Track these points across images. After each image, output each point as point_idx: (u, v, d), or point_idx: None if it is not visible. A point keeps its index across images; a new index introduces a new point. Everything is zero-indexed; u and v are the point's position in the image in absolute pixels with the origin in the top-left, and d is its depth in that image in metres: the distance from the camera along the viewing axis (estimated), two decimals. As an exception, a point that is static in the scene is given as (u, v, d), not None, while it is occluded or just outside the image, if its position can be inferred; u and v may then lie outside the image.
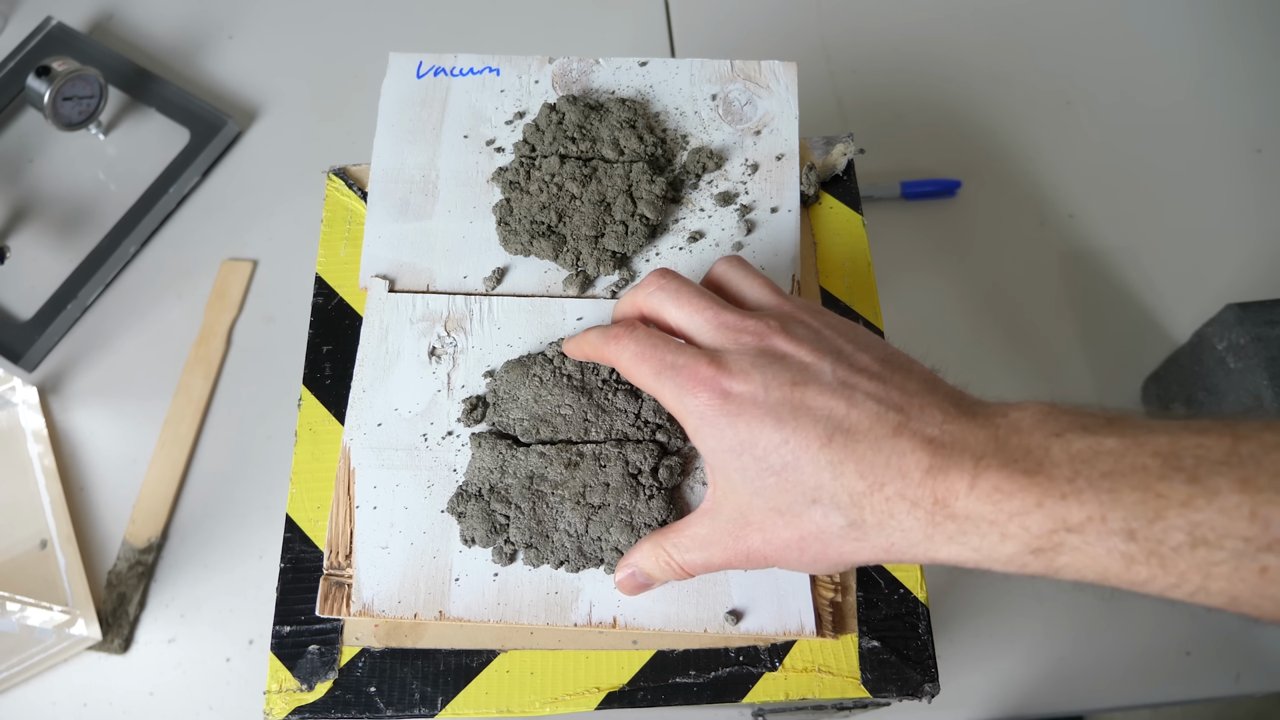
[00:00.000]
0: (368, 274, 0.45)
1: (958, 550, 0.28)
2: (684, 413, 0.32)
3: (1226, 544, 0.24)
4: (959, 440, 0.28)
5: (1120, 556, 0.25)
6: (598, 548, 0.38)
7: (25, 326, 0.68)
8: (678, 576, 0.35)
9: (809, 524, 0.30)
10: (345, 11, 0.82)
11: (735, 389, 0.31)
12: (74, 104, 0.71)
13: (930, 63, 0.78)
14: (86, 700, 0.58)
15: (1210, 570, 0.24)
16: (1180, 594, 0.25)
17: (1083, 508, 0.25)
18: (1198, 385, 0.59)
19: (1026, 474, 0.26)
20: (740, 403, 0.30)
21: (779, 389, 0.30)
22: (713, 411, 0.31)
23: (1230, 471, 0.24)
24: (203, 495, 0.64)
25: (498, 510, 0.39)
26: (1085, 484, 0.25)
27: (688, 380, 0.31)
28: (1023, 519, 0.26)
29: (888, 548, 0.29)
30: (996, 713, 0.58)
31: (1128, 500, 0.25)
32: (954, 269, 0.70)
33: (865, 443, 0.28)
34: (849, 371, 0.30)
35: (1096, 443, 0.26)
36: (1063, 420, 0.27)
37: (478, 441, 0.40)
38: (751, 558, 0.32)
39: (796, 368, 0.31)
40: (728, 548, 0.33)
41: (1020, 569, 0.27)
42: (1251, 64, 0.78)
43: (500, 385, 0.41)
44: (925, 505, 0.27)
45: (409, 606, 0.38)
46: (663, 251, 0.45)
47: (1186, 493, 0.24)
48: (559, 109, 0.47)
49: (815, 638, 0.38)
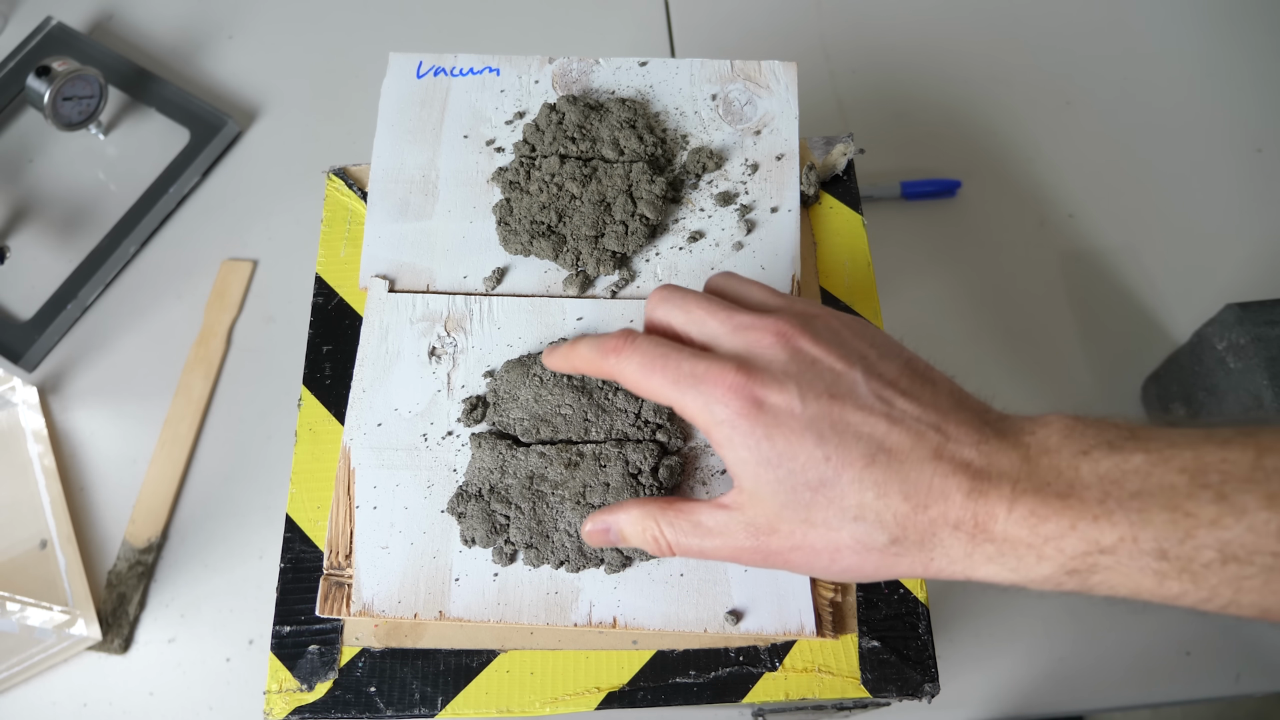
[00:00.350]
0: (368, 274, 0.45)
1: (996, 570, 0.28)
2: (711, 423, 0.30)
3: (1256, 559, 0.25)
4: (994, 463, 0.28)
5: (1153, 574, 0.26)
6: (598, 548, 0.38)
7: (25, 326, 0.68)
8: (661, 554, 0.34)
9: (847, 538, 0.29)
10: (345, 11, 0.82)
11: (769, 398, 0.29)
12: (74, 104, 0.71)
13: (930, 63, 0.78)
14: (86, 700, 0.58)
15: (1241, 584, 0.25)
16: (1212, 607, 0.26)
17: (1114, 529, 0.26)
18: (1198, 385, 0.59)
19: (1059, 497, 0.27)
20: (776, 414, 0.29)
21: (815, 402, 0.29)
22: (745, 421, 0.29)
23: (1256, 489, 0.25)
24: (203, 495, 0.64)
25: (498, 510, 0.39)
26: (1115, 505, 0.26)
27: (713, 388, 0.30)
28: (1058, 542, 0.27)
29: (926, 564, 0.29)
30: (996, 713, 0.58)
31: (1158, 520, 0.25)
32: (954, 269, 0.70)
33: (909, 464, 0.28)
34: (881, 385, 0.30)
35: (1123, 460, 0.27)
36: (1088, 436, 0.28)
37: (478, 441, 0.40)
38: (769, 559, 0.32)
39: (830, 376, 0.30)
40: (740, 545, 0.32)
41: (1056, 588, 0.28)
42: (1251, 64, 0.77)
43: (500, 385, 0.41)
44: (967, 528, 0.28)
45: (409, 606, 0.38)
46: (663, 251, 0.45)
47: (1215, 511, 0.25)
48: (559, 109, 0.47)
49: (815, 638, 0.38)
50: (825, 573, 0.31)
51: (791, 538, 0.30)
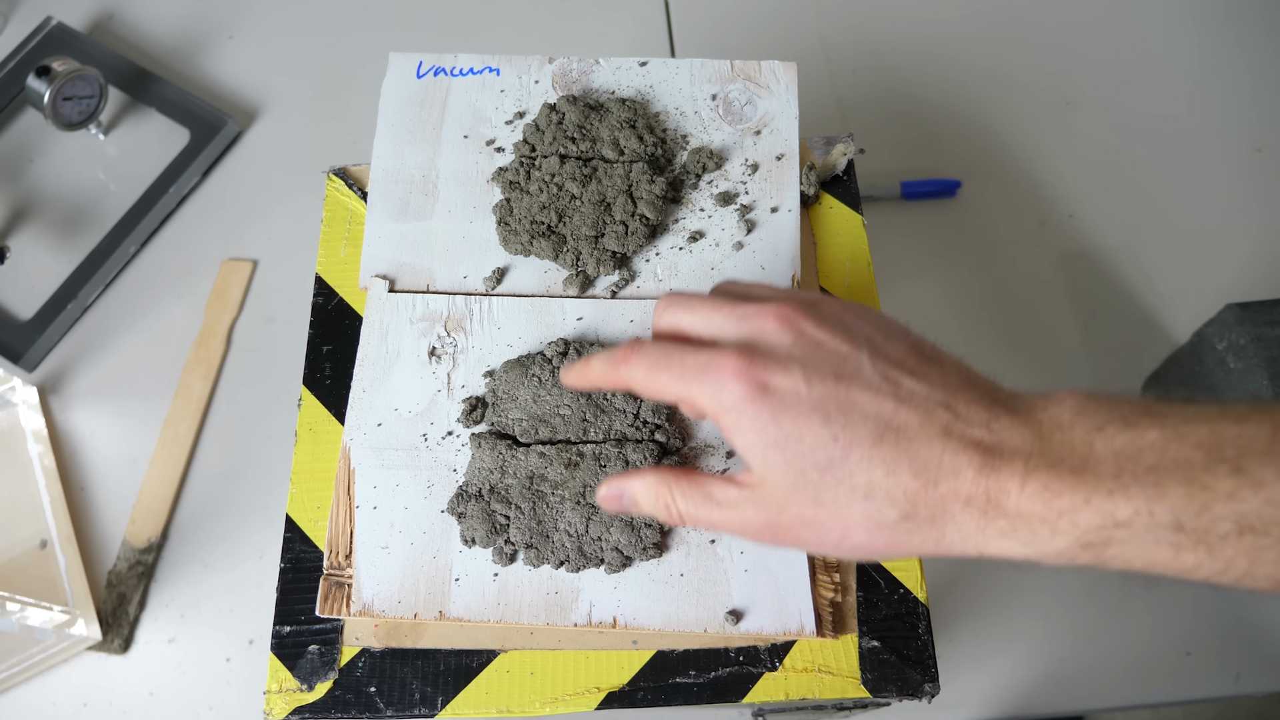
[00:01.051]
0: (368, 274, 0.45)
1: (1009, 545, 0.28)
2: (719, 410, 0.30)
3: (1274, 531, 0.25)
4: (1006, 440, 0.28)
5: (1169, 546, 0.26)
6: (598, 548, 0.38)
7: (25, 326, 0.68)
8: (671, 522, 0.34)
9: (857, 515, 0.29)
10: (345, 11, 0.82)
11: (774, 381, 0.30)
12: (74, 104, 0.71)
13: (930, 63, 0.78)
14: (86, 700, 0.58)
15: (1258, 556, 0.25)
16: (1227, 579, 0.26)
17: (1130, 503, 0.26)
18: (1198, 385, 0.59)
19: (1074, 472, 0.27)
20: (782, 396, 0.29)
21: (821, 383, 0.29)
22: (752, 405, 0.30)
23: (1274, 461, 0.25)
24: (203, 495, 0.64)
25: (498, 510, 0.39)
26: (1131, 479, 0.26)
27: (718, 375, 0.30)
28: (1072, 516, 0.27)
29: (938, 540, 0.29)
30: (996, 713, 0.58)
31: (1174, 494, 0.26)
32: (954, 269, 0.70)
33: (918, 442, 0.28)
34: (887, 365, 0.30)
35: (1138, 436, 0.27)
36: (1101, 413, 0.28)
37: (478, 442, 0.40)
38: (779, 535, 0.31)
39: (835, 359, 0.30)
40: (749, 519, 0.32)
41: (1070, 562, 0.28)
42: (1251, 64, 0.77)
43: (499, 385, 0.41)
44: (979, 503, 0.28)
45: (409, 606, 0.38)
46: (663, 251, 0.45)
47: (1232, 484, 0.25)
48: (559, 109, 0.47)
49: (815, 638, 0.38)
50: (836, 550, 0.31)
51: (801, 516, 0.30)
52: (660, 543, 0.38)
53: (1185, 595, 0.60)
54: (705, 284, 0.44)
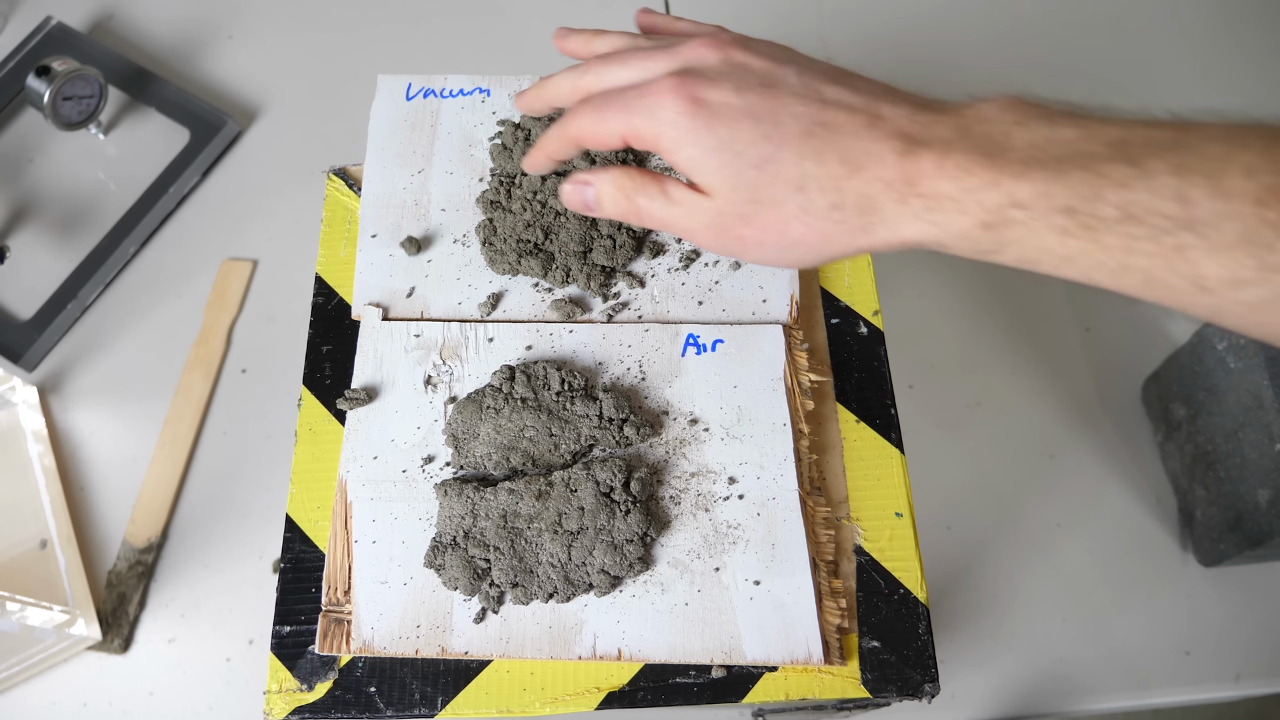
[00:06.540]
0: (360, 302, 0.44)
1: (922, 228, 0.30)
2: (659, 131, 0.32)
3: (1150, 220, 0.26)
4: (930, 131, 0.30)
5: (1057, 231, 0.27)
6: (583, 573, 0.38)
7: (25, 326, 0.68)
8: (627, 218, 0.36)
9: (792, 208, 0.31)
10: (345, 12, 0.82)
11: (706, 94, 0.32)
12: (74, 104, 0.71)
13: (930, 63, 0.78)
14: (86, 700, 0.58)
15: (1132, 245, 0.26)
16: (1104, 274, 0.28)
17: (1031, 185, 0.27)
18: (1198, 385, 0.59)
19: (986, 155, 0.28)
20: (714, 107, 0.31)
21: (750, 92, 0.32)
22: (687, 119, 0.32)
23: (1169, 156, 0.26)
24: (203, 495, 0.64)
25: (476, 555, 0.38)
26: (1038, 166, 0.28)
27: (654, 94, 0.32)
28: (978, 194, 0.28)
29: (866, 229, 0.31)
30: (996, 713, 0.58)
31: (1073, 179, 0.27)
32: (954, 269, 0.70)
33: (845, 134, 0.31)
34: (812, 76, 0.32)
35: (1054, 131, 0.28)
36: (1026, 111, 0.29)
37: (443, 490, 0.39)
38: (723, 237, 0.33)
39: (762, 73, 0.32)
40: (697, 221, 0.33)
41: (973, 246, 0.29)
42: (1251, 64, 0.77)
43: (457, 428, 0.40)
44: (898, 186, 0.30)
45: (410, 643, 0.37)
46: (659, 273, 0.44)
47: (1125, 173, 0.26)
48: (523, 126, 0.46)
49: (825, 665, 0.37)
50: (776, 248, 0.33)
51: (742, 214, 0.32)
52: (645, 557, 0.38)
53: (1185, 595, 0.60)
54: (704, 304, 0.44)
